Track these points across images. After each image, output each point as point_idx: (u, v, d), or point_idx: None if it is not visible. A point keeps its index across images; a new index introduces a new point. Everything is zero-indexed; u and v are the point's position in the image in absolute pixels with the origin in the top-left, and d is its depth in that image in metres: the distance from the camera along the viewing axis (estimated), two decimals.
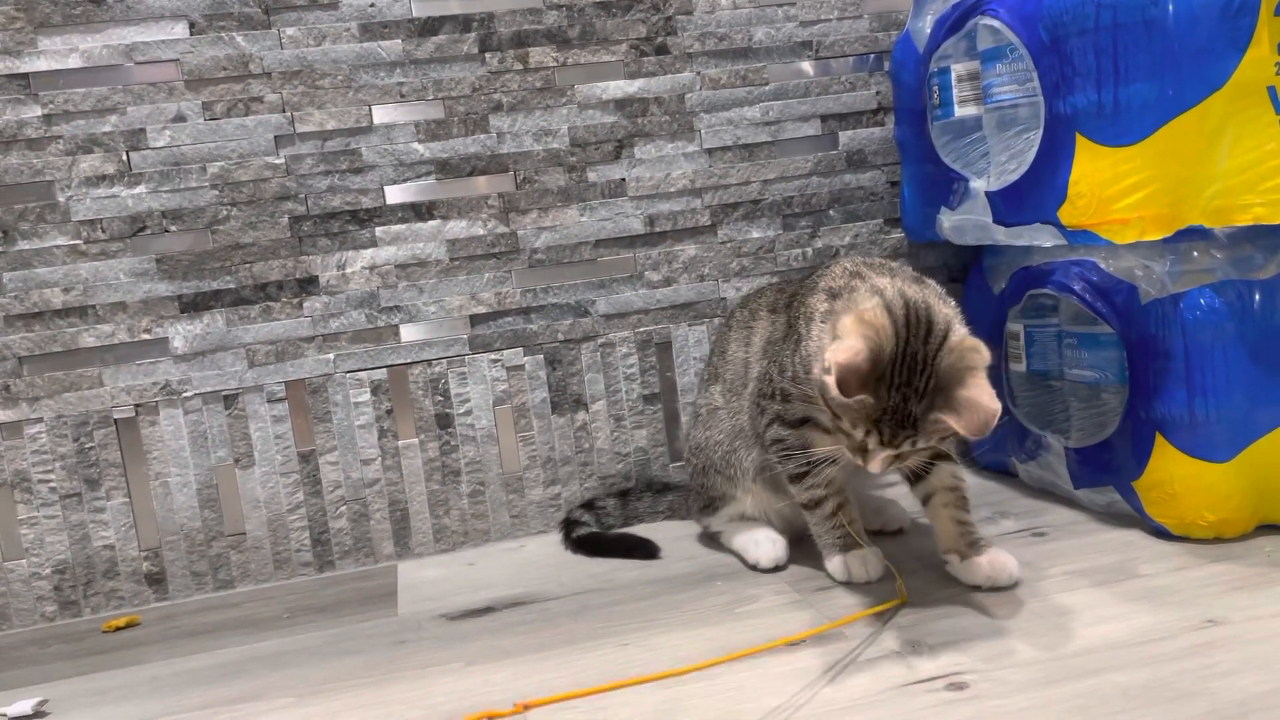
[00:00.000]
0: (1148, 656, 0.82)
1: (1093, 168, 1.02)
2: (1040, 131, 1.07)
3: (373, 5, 1.29)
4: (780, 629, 0.96)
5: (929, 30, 1.26)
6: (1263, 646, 0.82)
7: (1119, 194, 1.00)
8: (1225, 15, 0.95)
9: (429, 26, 1.30)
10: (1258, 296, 1.01)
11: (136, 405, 1.26)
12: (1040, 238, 1.11)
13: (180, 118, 1.26)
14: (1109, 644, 0.85)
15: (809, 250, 1.43)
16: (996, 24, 1.10)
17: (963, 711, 0.77)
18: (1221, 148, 0.97)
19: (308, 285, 1.30)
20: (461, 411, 1.34)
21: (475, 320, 1.34)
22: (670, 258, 1.39)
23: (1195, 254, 1.03)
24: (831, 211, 1.43)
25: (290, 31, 1.27)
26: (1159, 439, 1.05)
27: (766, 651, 0.91)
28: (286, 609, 1.21)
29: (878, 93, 1.42)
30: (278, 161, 1.28)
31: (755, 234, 1.42)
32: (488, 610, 1.11)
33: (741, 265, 1.41)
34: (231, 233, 1.28)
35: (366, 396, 1.32)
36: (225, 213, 1.27)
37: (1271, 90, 0.95)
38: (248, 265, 1.28)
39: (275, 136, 1.28)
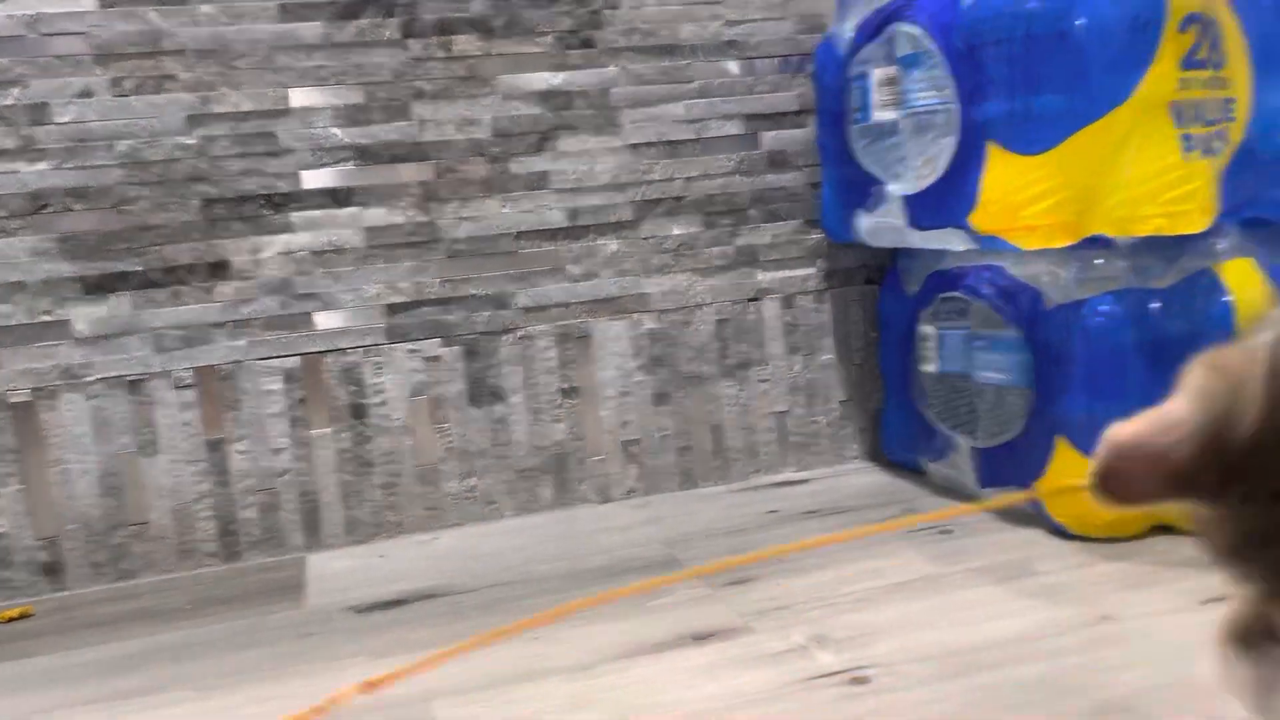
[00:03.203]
0: (1043, 651, 0.85)
1: (1003, 175, 1.05)
2: (954, 138, 1.09)
3: None
4: (693, 623, 0.97)
5: (851, 34, 1.27)
6: (1152, 642, 0.85)
7: (1027, 201, 1.03)
8: (1132, 31, 0.99)
9: (350, 10, 1.28)
10: (1156, 305, 1.05)
11: (34, 389, 1.22)
12: (952, 242, 1.14)
13: (87, 93, 1.21)
14: (1007, 639, 0.87)
15: (730, 248, 1.44)
16: (915, 31, 1.12)
17: (862, 705, 0.78)
18: (1125, 160, 1.00)
19: (219, 269, 1.27)
20: (376, 402, 1.32)
21: (393, 310, 1.32)
22: (592, 252, 1.39)
23: (1098, 262, 1.06)
24: (753, 211, 1.44)
25: (205, 9, 1.24)
26: (1060, 441, 1.08)
27: (674, 645, 0.92)
28: (190, 600, 1.18)
29: (800, 94, 1.43)
30: (190, 142, 1.25)
31: (677, 230, 1.42)
32: (398, 603, 1.10)
33: (663, 261, 1.42)
34: (140, 214, 1.24)
35: (279, 385, 1.29)
36: (133, 193, 1.23)
37: (1172, 105, 0.99)
38: (156, 248, 1.25)
39: (187, 116, 1.24)
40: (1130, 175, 1.00)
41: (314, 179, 1.29)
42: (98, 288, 1.23)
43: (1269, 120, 1.05)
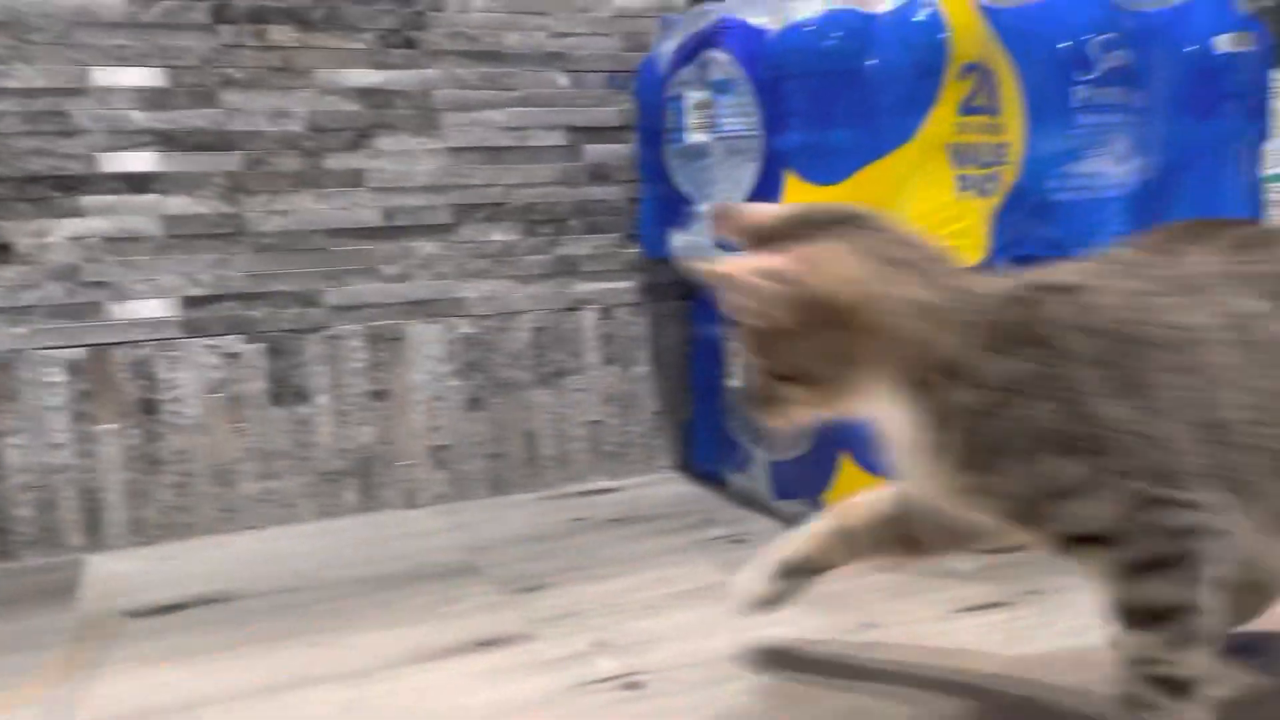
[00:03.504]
0: (809, 657, 0.89)
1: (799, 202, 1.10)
2: (757, 164, 1.14)
3: None
4: (485, 629, 0.97)
5: (670, 56, 1.31)
6: (909, 647, 0.91)
7: None
8: (917, 75, 1.05)
9: None
10: None
11: None
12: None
13: None
14: (773, 645, 0.92)
15: (549, 257, 1.45)
16: (725, 58, 1.16)
17: (631, 709, 0.81)
18: (907, 195, 1.07)
19: (0, 252, 1.19)
20: (169, 398, 1.27)
21: (191, 303, 1.27)
22: (407, 253, 1.38)
23: None
24: (573, 221, 1.46)
25: None
26: (844, 456, 1.14)
27: (459, 652, 0.92)
28: None
29: (623, 110, 1.46)
30: None
31: (497, 236, 1.42)
32: (178, 607, 1.06)
33: (480, 267, 1.42)
34: None
35: (61, 377, 1.22)
36: None
37: (951, 147, 1.06)
38: None
39: None
40: (911, 210, 1.06)
41: (111, 163, 1.23)
42: None
43: (1039, 165, 1.14)
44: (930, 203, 1.06)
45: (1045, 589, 1.02)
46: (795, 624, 0.96)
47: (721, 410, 1.37)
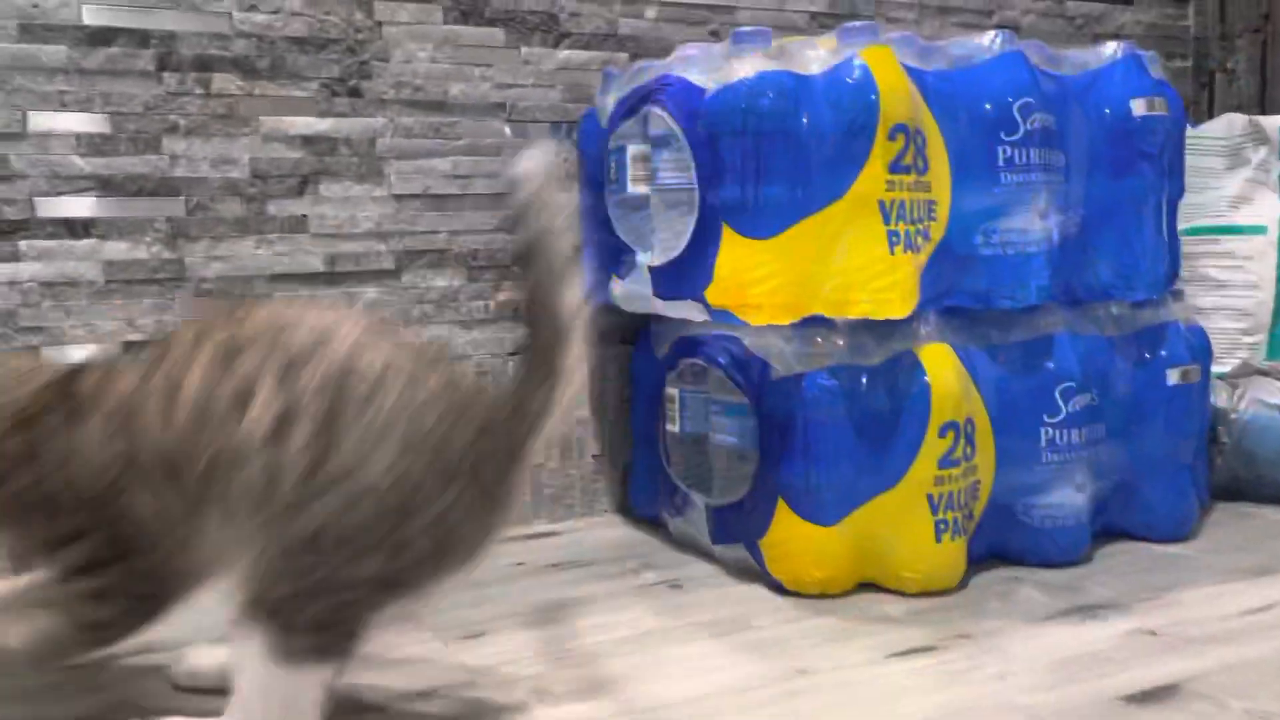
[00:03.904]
0: (740, 705, 0.91)
1: (735, 255, 1.13)
2: (694, 217, 1.17)
3: (36, 6, 1.20)
4: (424, 678, 0.97)
5: (611, 109, 1.34)
6: (839, 693, 0.93)
7: (754, 281, 1.12)
8: (848, 134, 1.09)
9: (100, 36, 1.23)
10: (865, 380, 1.15)
11: None
12: (691, 313, 1.21)
13: None
14: (708, 693, 0.93)
15: (490, 303, 1.47)
16: (664, 114, 1.20)
17: None
18: (840, 249, 1.10)
19: None
20: None
21: (130, 347, 1.27)
22: (350, 299, 1.38)
23: (818, 339, 1.16)
24: (515, 268, 1.48)
25: None
26: (780, 502, 1.16)
27: (399, 698, 0.92)
28: None
29: (565, 160, 1.49)
30: None
31: (440, 282, 1.44)
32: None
33: (424, 311, 1.43)
34: None
35: None
36: None
37: (881, 204, 1.10)
38: None
39: None
40: (844, 264, 1.10)
41: (49, 207, 1.23)
42: None
43: (965, 221, 1.19)
44: (863, 256, 1.10)
45: (974, 632, 1.05)
46: (730, 670, 0.98)
47: (660, 454, 1.39)
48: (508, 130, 1.46)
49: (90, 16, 1.23)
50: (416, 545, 0.76)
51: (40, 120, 1.22)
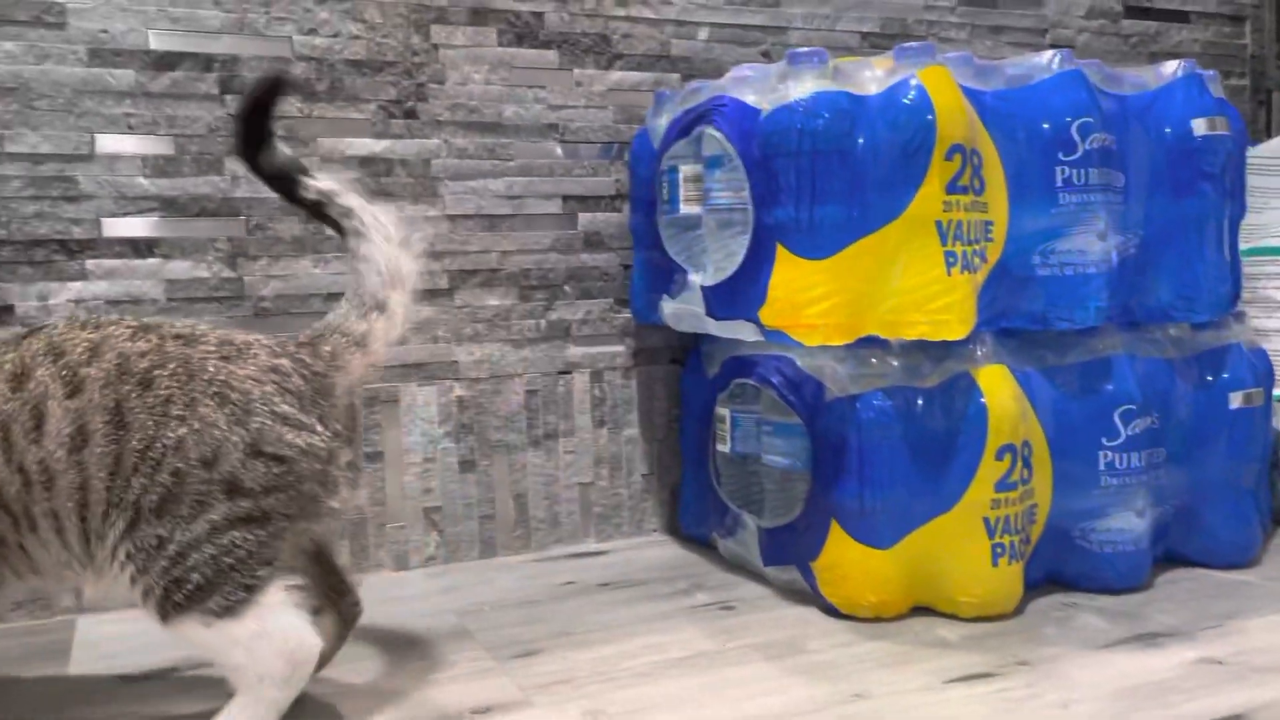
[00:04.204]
0: None
1: (789, 276, 1.13)
2: (748, 237, 1.17)
3: (104, 31, 1.23)
4: (479, 696, 0.97)
5: (664, 129, 1.35)
6: (899, 718, 0.92)
7: (809, 301, 1.11)
8: (905, 154, 1.09)
9: (166, 61, 1.26)
10: (921, 402, 1.14)
11: None
12: (743, 332, 1.21)
13: None
14: (764, 716, 0.92)
15: (543, 321, 1.48)
16: (718, 135, 1.20)
17: None
18: (896, 269, 1.10)
19: (2, 314, 1.21)
20: None
21: None
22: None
23: (873, 360, 1.15)
24: (567, 287, 1.49)
25: (8, 46, 1.20)
26: (834, 524, 1.15)
27: (452, 717, 0.93)
28: None
29: (617, 180, 1.50)
30: None
31: (492, 301, 1.45)
32: (170, 672, 1.06)
33: (475, 330, 1.44)
34: None
35: None
36: None
37: (937, 224, 1.09)
38: None
39: None
40: (900, 284, 1.09)
41: (115, 227, 1.25)
42: None
43: (1023, 242, 1.18)
44: (920, 277, 1.09)
45: (1032, 659, 1.03)
46: (785, 694, 0.97)
47: (710, 474, 1.38)
48: (559, 150, 1.47)
49: (156, 41, 1.26)
50: (248, 479, 0.82)
51: (107, 142, 1.25)
